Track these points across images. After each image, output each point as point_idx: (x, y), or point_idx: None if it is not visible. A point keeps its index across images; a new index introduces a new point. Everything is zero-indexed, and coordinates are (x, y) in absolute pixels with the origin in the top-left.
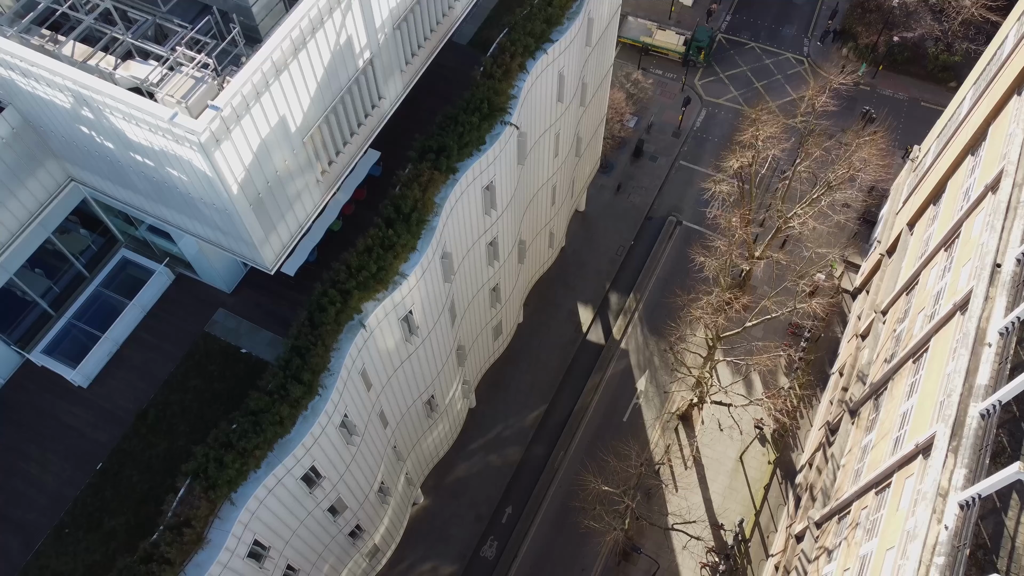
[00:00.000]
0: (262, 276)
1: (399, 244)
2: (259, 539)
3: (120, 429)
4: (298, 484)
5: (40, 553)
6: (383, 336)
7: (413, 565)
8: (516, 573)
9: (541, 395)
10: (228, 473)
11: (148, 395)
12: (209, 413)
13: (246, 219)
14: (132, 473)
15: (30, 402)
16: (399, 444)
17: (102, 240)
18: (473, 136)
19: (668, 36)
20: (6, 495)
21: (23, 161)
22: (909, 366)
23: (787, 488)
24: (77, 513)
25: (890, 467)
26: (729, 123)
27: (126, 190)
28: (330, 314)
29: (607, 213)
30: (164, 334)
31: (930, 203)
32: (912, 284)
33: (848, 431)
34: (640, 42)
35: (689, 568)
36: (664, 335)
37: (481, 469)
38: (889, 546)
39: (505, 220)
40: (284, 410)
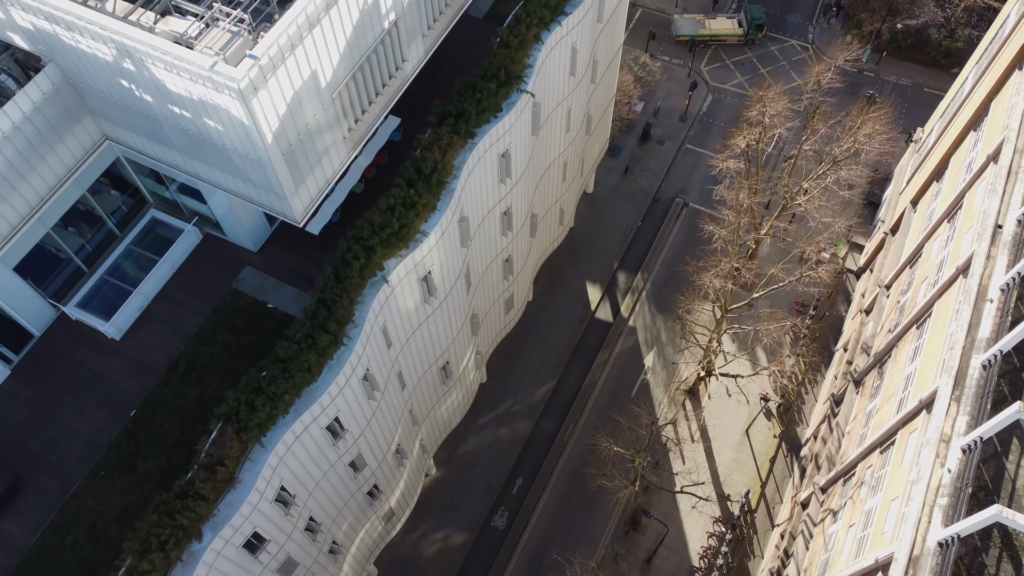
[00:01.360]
0: (287, 236)
1: (420, 203)
2: (286, 486)
3: (151, 380)
4: (323, 434)
5: (77, 494)
6: (403, 295)
7: (425, 534)
8: (526, 542)
9: (550, 371)
10: (259, 416)
11: (178, 348)
12: (237, 365)
13: (279, 170)
14: (164, 420)
15: (65, 354)
16: (415, 408)
17: (132, 201)
18: (491, 103)
19: (722, 23)
20: (43, 440)
21: (61, 118)
22: (912, 332)
23: (792, 461)
24: (111, 457)
25: (894, 425)
26: (735, 108)
27: (160, 146)
28: (354, 268)
29: (615, 195)
30: (193, 290)
31: (933, 180)
32: (915, 257)
33: (852, 400)
34: (699, 35)
35: (697, 534)
36: (671, 312)
37: (491, 442)
38: (893, 496)
39: (519, 191)
40: (312, 357)
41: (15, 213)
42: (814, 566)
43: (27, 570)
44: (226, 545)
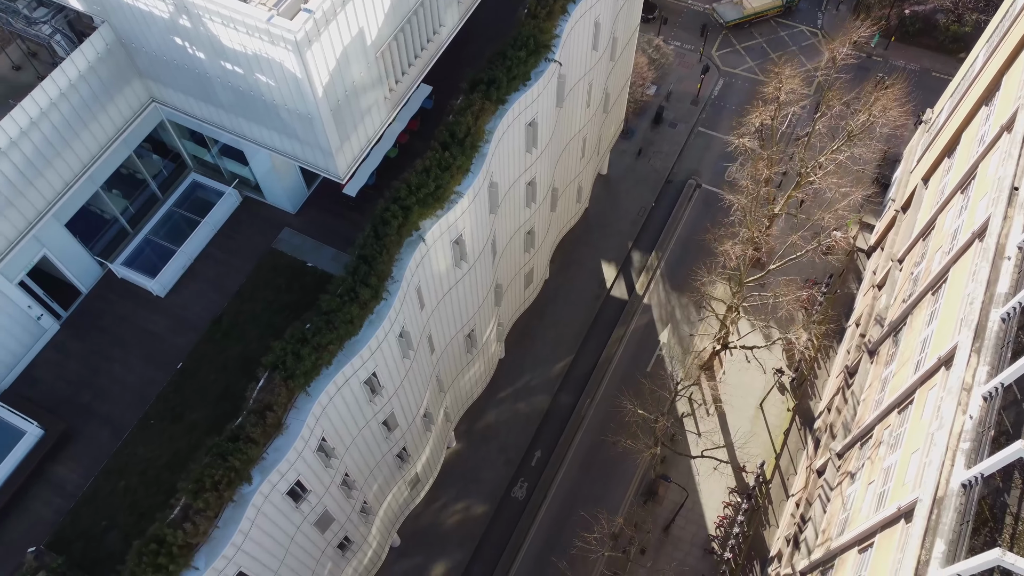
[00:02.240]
0: (324, 199)
1: (455, 166)
2: (326, 437)
3: (196, 335)
4: (361, 388)
5: (127, 442)
6: (437, 257)
7: (447, 504)
8: (545, 513)
9: (567, 347)
10: (304, 365)
11: (221, 305)
12: (278, 320)
13: (326, 125)
14: (209, 373)
15: (112, 310)
16: (442, 375)
17: (172, 166)
18: (520, 70)
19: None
20: (94, 392)
21: (112, 79)
22: (928, 299)
23: (805, 434)
24: (160, 407)
25: (912, 385)
26: (746, 92)
27: (208, 105)
28: (393, 227)
29: (629, 176)
30: (234, 250)
31: (944, 156)
32: (928, 230)
33: (867, 370)
34: (744, 16)
35: (713, 504)
36: (686, 290)
37: (510, 416)
38: (914, 449)
39: (543, 162)
40: (354, 310)
41: (68, 170)
42: (832, 526)
43: (82, 512)
44: (272, 490)
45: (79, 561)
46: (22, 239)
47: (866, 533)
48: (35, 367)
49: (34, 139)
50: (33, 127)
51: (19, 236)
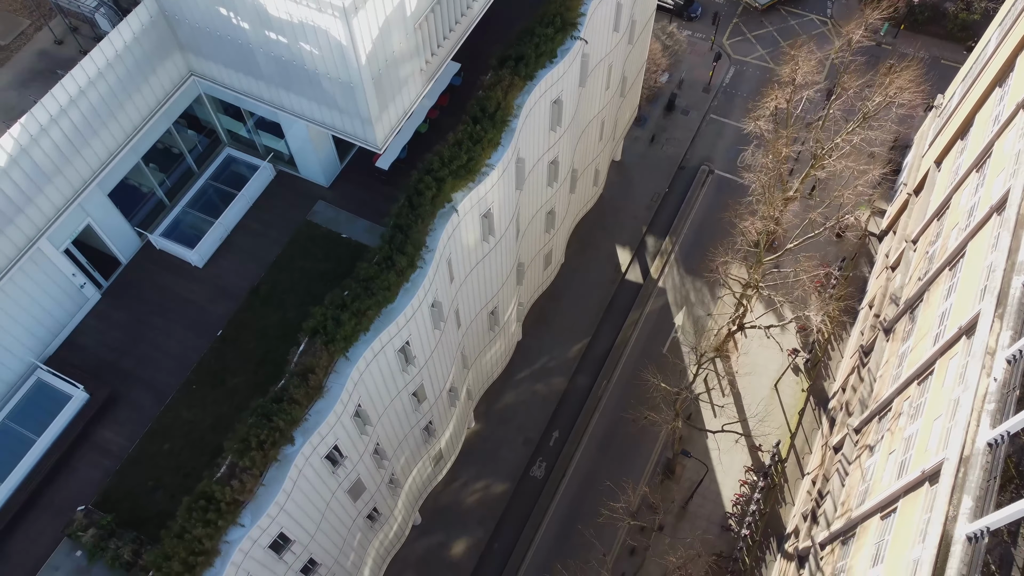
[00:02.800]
0: (356, 172)
1: (486, 138)
2: (361, 404)
3: (235, 303)
4: (396, 357)
5: (170, 407)
6: (467, 229)
7: (467, 483)
8: (564, 491)
9: (583, 330)
10: (344, 330)
11: (258, 274)
12: (316, 289)
13: (368, 92)
14: (248, 340)
15: (151, 280)
16: (466, 350)
17: (207, 141)
18: (547, 47)
19: None
20: (136, 358)
21: (154, 52)
22: (945, 274)
23: (820, 414)
24: (202, 373)
25: (932, 356)
26: (757, 80)
27: (248, 77)
28: (427, 198)
29: (642, 163)
30: (269, 222)
31: (958, 138)
32: (943, 209)
33: (883, 348)
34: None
35: (729, 483)
36: (700, 274)
37: (528, 397)
38: (936, 416)
39: (565, 142)
40: (391, 277)
41: (112, 140)
42: (852, 497)
43: (128, 473)
44: (313, 452)
45: (127, 519)
46: (68, 207)
47: (888, 500)
48: (78, 334)
49: (82, 107)
50: (82, 96)
51: (66, 204)
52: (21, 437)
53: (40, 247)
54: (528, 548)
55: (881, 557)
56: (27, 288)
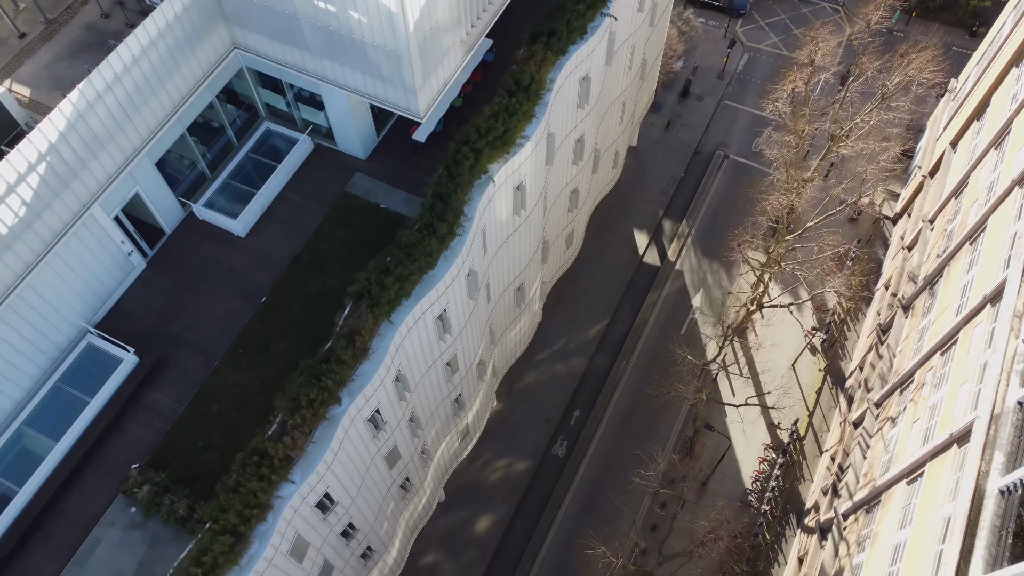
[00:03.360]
0: (393, 145)
1: (521, 111)
2: (402, 370)
3: (277, 271)
4: (434, 324)
5: (218, 370)
6: (500, 201)
7: (489, 461)
8: (585, 469)
9: (602, 311)
10: (388, 294)
11: (299, 243)
12: (356, 258)
13: (414, 60)
14: (292, 306)
15: (195, 250)
16: (494, 325)
17: (246, 115)
18: (579, 23)
19: None
20: (183, 324)
21: (200, 24)
22: (966, 248)
23: (837, 392)
24: (247, 338)
25: (956, 325)
26: (771, 66)
27: (292, 48)
28: (465, 167)
29: (658, 148)
30: (309, 194)
31: (974, 119)
32: (961, 188)
33: (902, 324)
34: None
35: (749, 460)
36: (717, 256)
37: (548, 378)
38: (962, 382)
39: (590, 121)
40: (433, 243)
41: (161, 109)
42: (875, 467)
43: (179, 433)
44: (358, 413)
45: (178, 478)
46: (119, 174)
47: (914, 465)
48: (125, 301)
49: (135, 76)
50: (135, 64)
51: (117, 171)
52: (74, 399)
53: (93, 213)
54: (551, 525)
55: (909, 520)
56: (79, 253)
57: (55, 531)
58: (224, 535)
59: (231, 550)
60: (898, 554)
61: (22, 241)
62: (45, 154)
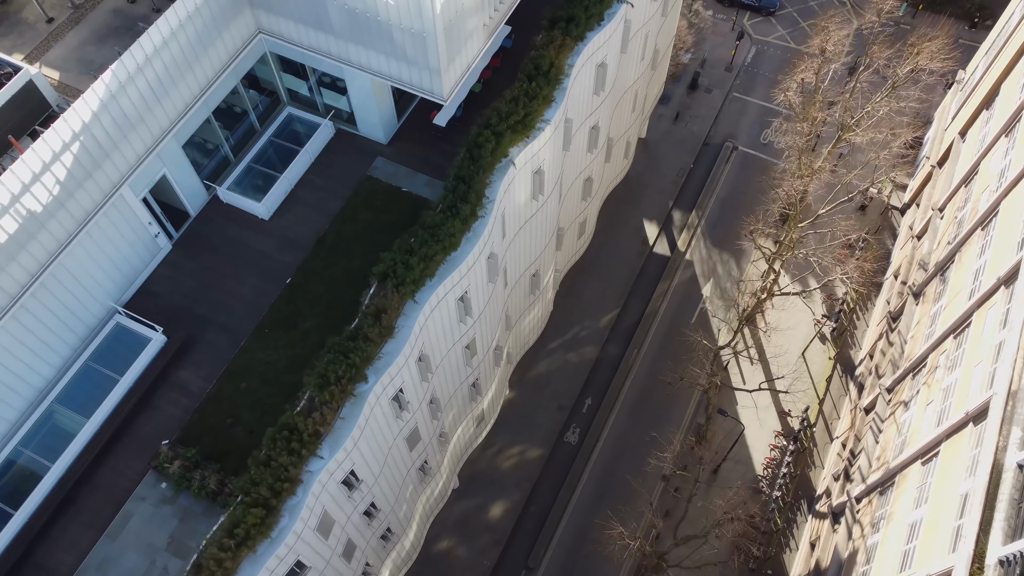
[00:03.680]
0: (413, 130)
1: (541, 95)
2: (424, 351)
3: (302, 253)
4: (456, 307)
5: (246, 348)
6: (520, 186)
7: (502, 449)
8: (598, 456)
9: (613, 301)
10: (413, 273)
11: (323, 225)
12: (379, 239)
13: (440, 42)
14: (317, 286)
15: (220, 232)
16: (510, 311)
17: (268, 100)
18: (596, 9)
19: None
20: (210, 304)
21: (226, 9)
22: (978, 234)
23: (847, 380)
24: (274, 317)
25: (969, 308)
26: (778, 59)
27: (316, 32)
28: (487, 150)
29: (667, 140)
30: (331, 177)
31: (983, 108)
32: (971, 176)
33: (912, 311)
34: None
35: (760, 447)
36: (727, 247)
37: (561, 366)
38: (976, 363)
39: (605, 108)
40: (456, 224)
41: (189, 92)
42: (888, 451)
43: (208, 411)
44: (383, 392)
45: (208, 454)
46: (148, 155)
47: (930, 445)
48: (152, 282)
49: (164, 59)
50: (165, 47)
51: (147, 152)
52: (104, 377)
53: (122, 193)
54: (564, 510)
55: (924, 498)
56: (109, 233)
57: (88, 506)
58: (256, 508)
59: (263, 522)
60: (914, 532)
61: (56, 220)
62: (79, 134)
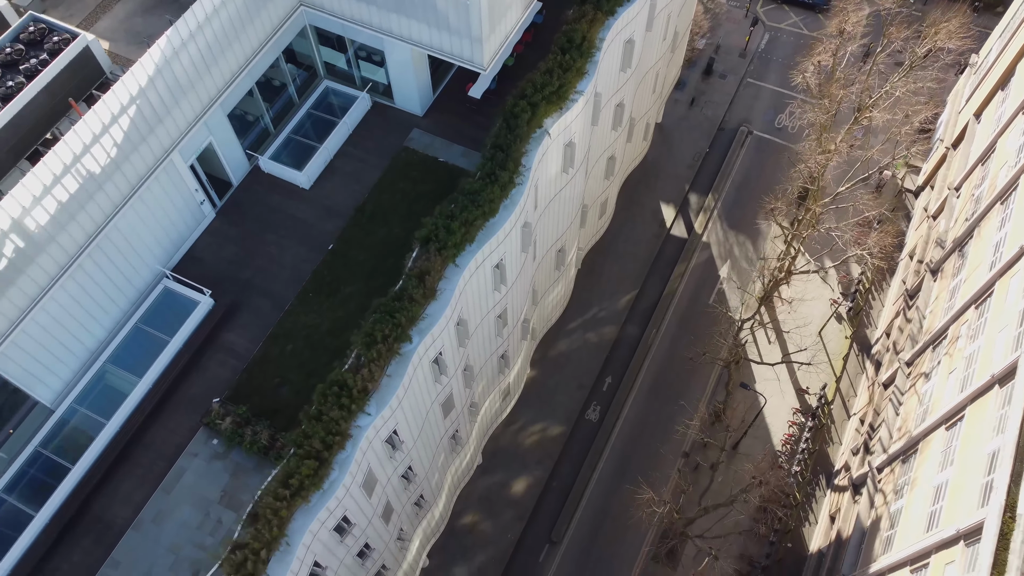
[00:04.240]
0: (448, 102)
1: (574, 67)
2: (462, 315)
3: (342, 221)
4: (492, 274)
5: (290, 312)
6: (552, 157)
7: (524, 426)
8: (619, 433)
9: (631, 282)
10: (455, 238)
11: (362, 195)
12: (417, 208)
13: (483, 9)
14: (358, 253)
15: (262, 201)
16: (537, 285)
17: (305, 74)
18: None
19: None
20: (254, 270)
21: None
22: (997, 208)
23: (864, 359)
24: (316, 283)
25: (991, 278)
26: (792, 45)
27: (358, 3)
28: (523, 120)
29: (682, 124)
30: (369, 148)
31: (998, 89)
32: (988, 154)
33: (930, 287)
34: None
35: (779, 423)
36: (743, 229)
37: (580, 345)
38: (1000, 329)
39: (629, 86)
40: (495, 191)
41: (235, 61)
42: (909, 421)
43: (255, 371)
44: (426, 353)
45: (257, 412)
46: (197, 122)
47: (954, 411)
48: (197, 249)
49: (215, 27)
50: (215, 15)
51: (196, 119)
52: (154, 339)
53: (172, 159)
54: (586, 486)
55: (950, 461)
56: (159, 198)
57: (142, 461)
58: (309, 459)
59: (315, 474)
60: (940, 493)
61: (112, 182)
62: (135, 98)
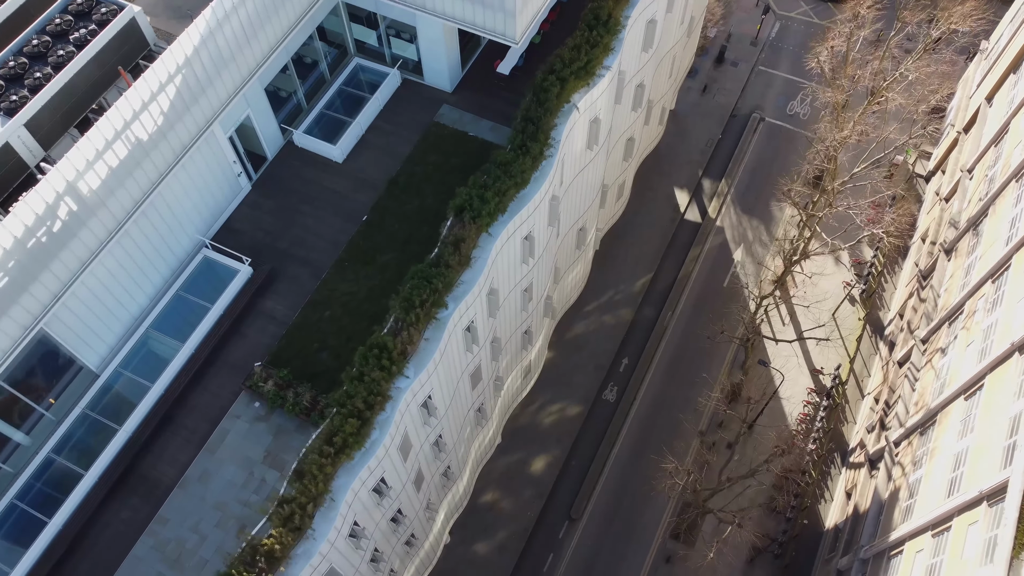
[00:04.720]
0: (477, 79)
1: (602, 43)
2: (493, 285)
3: (376, 193)
4: (521, 246)
5: (327, 280)
6: (578, 133)
7: (543, 406)
8: (636, 412)
9: (647, 265)
10: (489, 207)
11: (395, 168)
12: (449, 179)
13: None
14: (392, 223)
15: (297, 174)
16: (558, 263)
17: (336, 52)
18: None
19: None
20: (290, 240)
21: None
22: (1012, 186)
23: (877, 340)
24: (352, 252)
25: (1008, 253)
26: (802, 34)
27: None
28: (552, 94)
29: (695, 111)
30: (400, 123)
31: (1010, 73)
32: (1000, 135)
33: (945, 266)
34: None
35: (794, 403)
36: (756, 214)
37: (597, 327)
38: (1019, 299)
39: (650, 67)
40: (527, 162)
41: (274, 35)
42: (926, 395)
43: (295, 337)
44: (460, 319)
45: (297, 375)
46: (237, 94)
47: (973, 379)
48: (235, 220)
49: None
50: None
51: (236, 91)
52: (195, 306)
53: (213, 130)
54: (604, 464)
55: (970, 428)
56: (200, 168)
57: (186, 423)
58: (352, 418)
59: (358, 432)
60: (960, 460)
61: (157, 150)
62: (181, 67)
